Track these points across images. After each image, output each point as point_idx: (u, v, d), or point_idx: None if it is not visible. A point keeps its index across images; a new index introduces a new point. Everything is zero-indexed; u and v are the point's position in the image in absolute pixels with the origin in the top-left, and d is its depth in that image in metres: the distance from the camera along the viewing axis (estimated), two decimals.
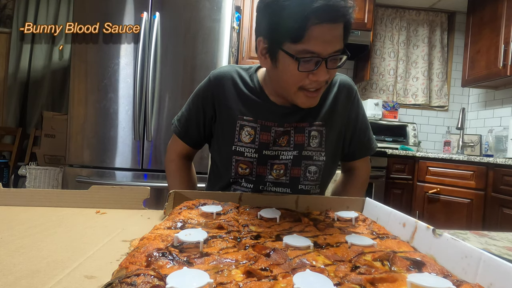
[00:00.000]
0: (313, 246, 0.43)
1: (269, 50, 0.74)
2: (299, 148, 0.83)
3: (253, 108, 0.85)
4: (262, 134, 0.83)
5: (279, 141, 0.84)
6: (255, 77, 0.87)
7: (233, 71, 0.88)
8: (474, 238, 0.63)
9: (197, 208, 0.58)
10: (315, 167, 0.85)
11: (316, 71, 0.70)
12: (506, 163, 2.09)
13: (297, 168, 0.84)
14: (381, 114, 3.07)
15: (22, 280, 0.34)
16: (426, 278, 0.32)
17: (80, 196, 0.68)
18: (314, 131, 0.84)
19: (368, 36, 2.84)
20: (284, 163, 0.84)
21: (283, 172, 0.84)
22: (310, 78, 0.71)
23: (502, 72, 2.46)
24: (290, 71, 0.71)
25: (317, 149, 0.84)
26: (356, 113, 0.90)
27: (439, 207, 2.47)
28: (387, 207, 0.59)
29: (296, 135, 0.83)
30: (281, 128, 0.83)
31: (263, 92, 0.85)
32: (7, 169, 2.66)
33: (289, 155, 0.83)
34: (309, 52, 0.67)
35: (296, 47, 0.68)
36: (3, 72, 2.88)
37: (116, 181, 1.94)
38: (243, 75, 0.88)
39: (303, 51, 0.67)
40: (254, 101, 0.85)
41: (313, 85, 0.73)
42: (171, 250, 0.38)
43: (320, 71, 0.69)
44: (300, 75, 0.71)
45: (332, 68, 0.71)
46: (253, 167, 0.84)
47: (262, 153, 0.83)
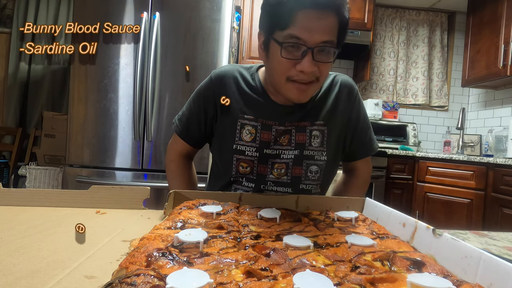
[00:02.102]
0: (313, 246, 0.43)
1: (264, 42, 0.75)
2: (300, 148, 0.83)
3: (254, 106, 0.85)
4: (263, 133, 0.83)
5: (280, 140, 0.84)
6: (257, 76, 0.88)
7: (235, 70, 0.88)
8: (474, 238, 0.63)
9: (197, 208, 0.58)
10: (317, 166, 0.85)
11: (302, 62, 0.69)
12: (506, 163, 2.09)
13: (298, 167, 0.84)
14: (381, 114, 3.07)
15: (22, 280, 0.34)
16: (426, 278, 0.32)
17: (80, 196, 0.68)
18: (315, 130, 0.84)
19: (368, 36, 2.84)
20: (285, 162, 0.84)
21: (284, 171, 0.84)
22: (296, 68, 0.70)
23: (502, 72, 2.46)
24: (278, 58, 0.71)
25: (319, 148, 0.84)
26: (357, 113, 0.90)
27: (439, 207, 2.47)
28: (387, 207, 0.59)
29: (297, 134, 0.84)
30: (282, 127, 0.83)
31: (264, 91, 0.86)
32: (7, 169, 2.66)
33: (290, 154, 0.83)
34: (294, 37, 0.68)
35: (283, 33, 0.69)
36: (3, 72, 2.88)
37: (116, 181, 1.94)
38: (244, 74, 0.88)
39: (288, 35, 0.68)
40: (255, 99, 0.85)
41: (299, 76, 0.71)
42: (171, 250, 0.38)
43: (306, 61, 0.69)
44: (287, 63, 0.70)
45: (321, 62, 0.70)
46: (254, 166, 0.84)
47: (263, 151, 0.83)
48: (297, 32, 0.67)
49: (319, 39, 0.68)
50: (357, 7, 2.80)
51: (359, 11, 2.80)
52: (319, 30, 0.67)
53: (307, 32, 0.67)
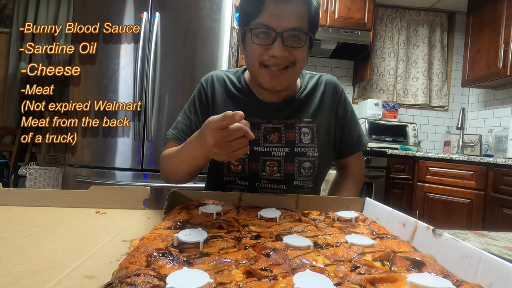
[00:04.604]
0: (313, 246, 0.43)
1: (242, 35, 0.81)
2: (290, 145, 0.86)
3: (242, 107, 0.86)
4: (252, 131, 0.84)
5: (270, 138, 0.86)
6: (242, 78, 0.92)
7: (222, 74, 0.93)
8: (474, 238, 0.63)
9: (197, 208, 0.58)
10: (309, 163, 0.87)
11: (272, 46, 0.74)
12: (506, 163, 2.09)
13: (290, 164, 0.86)
14: (381, 114, 3.07)
15: (22, 280, 0.34)
16: (426, 278, 0.32)
17: (80, 196, 0.68)
18: (304, 127, 0.87)
19: (368, 36, 2.84)
20: (276, 160, 0.86)
21: (276, 168, 0.86)
22: (268, 53, 0.75)
23: (502, 72, 2.46)
24: (250, 46, 0.77)
25: (310, 145, 0.86)
26: (344, 110, 0.93)
27: (439, 207, 2.47)
28: (387, 207, 0.59)
29: (286, 131, 0.86)
30: (270, 124, 0.86)
31: (250, 91, 0.89)
32: (7, 169, 2.66)
33: (281, 151, 0.85)
34: (263, 25, 0.74)
35: (254, 22, 0.75)
36: (3, 72, 2.88)
37: (116, 181, 1.94)
38: (231, 77, 0.93)
39: (258, 24, 0.74)
40: (242, 100, 0.89)
41: (271, 61, 0.76)
42: (171, 250, 0.38)
43: (276, 45, 0.74)
44: (258, 48, 0.76)
45: (292, 47, 0.75)
46: (245, 164, 0.86)
47: (253, 149, 0.85)
48: (266, 20, 0.73)
49: (287, 25, 0.73)
50: (357, 7, 2.80)
51: (359, 11, 2.80)
52: (287, 17, 0.73)
53: (274, 18, 0.73)
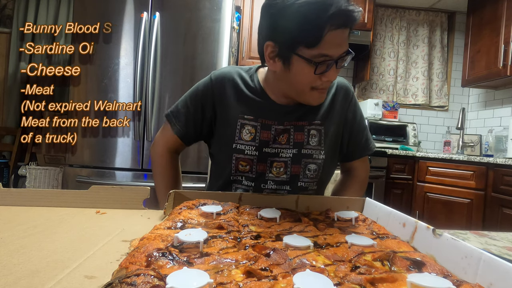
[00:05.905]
0: (313, 246, 0.43)
1: (280, 54, 0.76)
2: (298, 146, 0.85)
3: (254, 107, 0.86)
4: (263, 132, 0.85)
5: (279, 139, 0.85)
6: (256, 77, 0.89)
7: (234, 72, 0.90)
8: (474, 238, 0.63)
9: (197, 208, 0.58)
10: (315, 165, 0.86)
11: (329, 73, 0.74)
12: (506, 163, 2.09)
13: (297, 166, 0.85)
14: (381, 114, 3.07)
15: (22, 280, 0.34)
16: (426, 278, 0.32)
17: (80, 196, 0.68)
18: (313, 129, 0.86)
19: (368, 36, 2.84)
20: (284, 161, 0.85)
21: (283, 170, 0.85)
22: (322, 79, 0.75)
23: (502, 72, 2.46)
24: (305, 74, 0.74)
25: (317, 147, 0.86)
26: (353, 114, 0.92)
27: (439, 207, 2.47)
28: (387, 207, 0.59)
29: (295, 133, 0.85)
30: (281, 126, 0.85)
31: (263, 91, 0.87)
32: (7, 169, 2.66)
33: (289, 153, 0.85)
34: (324, 55, 0.71)
35: (311, 52, 0.71)
36: (3, 72, 2.88)
37: (116, 181, 1.94)
38: (243, 75, 0.90)
39: (319, 55, 0.71)
40: (254, 100, 0.87)
41: (325, 85, 0.77)
42: (171, 250, 0.38)
43: (332, 72, 0.74)
44: (314, 76, 0.74)
45: (340, 67, 0.76)
46: (253, 164, 0.85)
47: (262, 150, 0.85)
48: (327, 51, 0.71)
49: (342, 51, 0.73)
50: None
51: None
52: (342, 44, 0.72)
53: (334, 48, 0.71)
